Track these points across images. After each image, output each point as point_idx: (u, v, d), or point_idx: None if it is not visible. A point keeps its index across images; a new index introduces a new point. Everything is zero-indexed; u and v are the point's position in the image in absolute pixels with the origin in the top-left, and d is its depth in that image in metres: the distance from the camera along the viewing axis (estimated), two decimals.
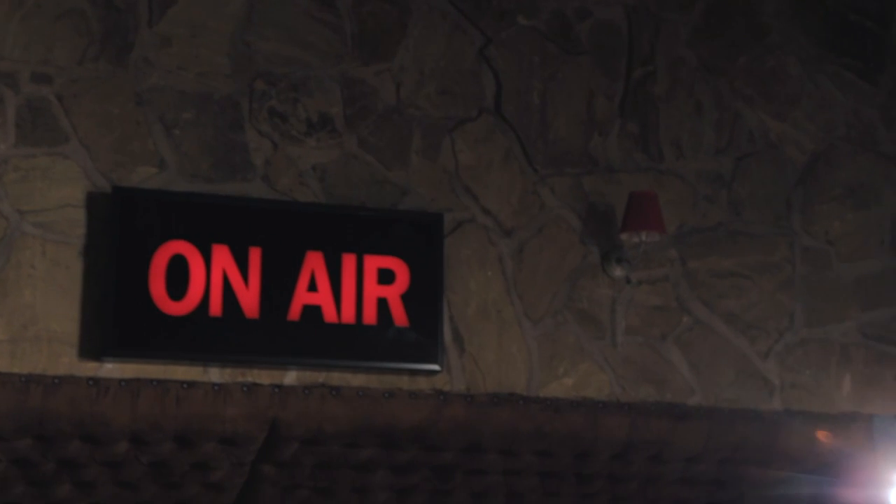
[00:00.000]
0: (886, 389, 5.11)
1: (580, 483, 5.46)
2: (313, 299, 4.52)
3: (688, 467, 5.30)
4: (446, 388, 4.70)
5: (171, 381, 4.34)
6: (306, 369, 4.54)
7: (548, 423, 4.84)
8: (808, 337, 5.11)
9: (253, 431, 4.48)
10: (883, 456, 4.97)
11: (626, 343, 4.94)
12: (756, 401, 5.03)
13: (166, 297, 4.31)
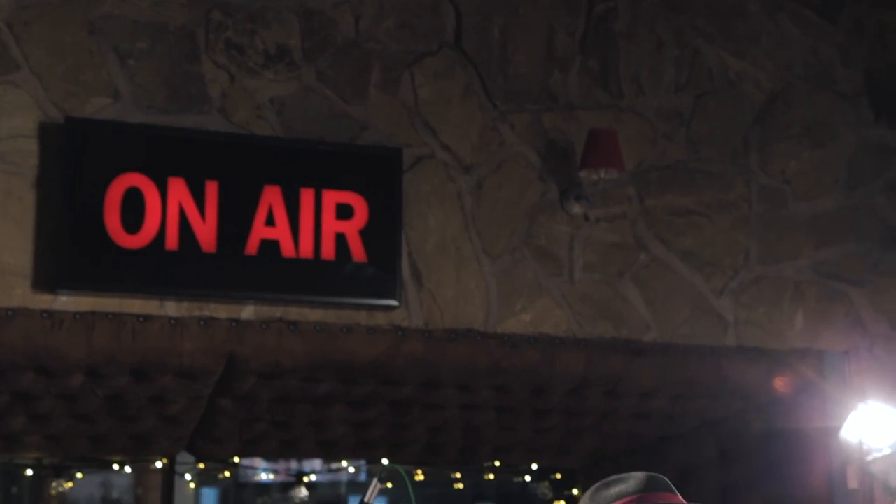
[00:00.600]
0: (837, 326, 5.18)
1: (536, 418, 5.52)
2: (271, 234, 4.49)
3: (642, 402, 5.37)
4: (404, 324, 4.70)
5: (126, 314, 4.30)
6: (264, 304, 4.52)
7: (505, 359, 4.86)
8: (762, 274, 5.16)
9: (210, 365, 4.47)
10: (833, 391, 5.05)
11: (583, 280, 4.96)
12: (710, 337, 5.07)
13: (121, 229, 4.26)
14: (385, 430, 5.50)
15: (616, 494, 2.14)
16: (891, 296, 5.27)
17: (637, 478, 2.16)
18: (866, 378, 5.11)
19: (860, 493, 5.04)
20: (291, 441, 5.56)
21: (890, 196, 5.36)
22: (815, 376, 5.11)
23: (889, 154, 5.40)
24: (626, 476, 2.17)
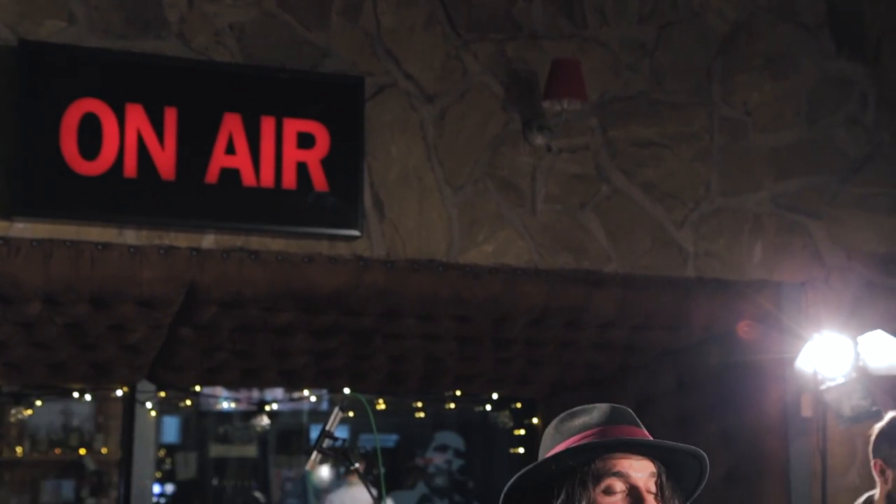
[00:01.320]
0: (795, 258, 5.24)
1: (497, 347, 5.56)
2: (231, 162, 4.45)
3: (602, 333, 5.42)
4: (366, 254, 4.69)
5: (85, 242, 4.26)
6: (224, 233, 4.49)
7: (466, 290, 4.88)
8: (722, 206, 5.19)
9: (170, 294, 4.45)
10: (789, 322, 5.12)
11: (545, 211, 4.97)
12: (670, 268, 5.11)
13: (79, 156, 4.20)
14: (347, 359, 5.52)
15: (580, 426, 2.16)
16: (848, 228, 5.33)
17: (601, 409, 2.19)
18: (822, 309, 5.18)
19: (813, 422, 5.14)
20: (253, 370, 5.58)
21: (849, 129, 5.39)
22: (772, 308, 5.17)
23: (849, 87, 5.42)
24: (591, 407, 2.19)
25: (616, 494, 2.08)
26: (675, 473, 2.15)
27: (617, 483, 2.09)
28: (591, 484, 2.08)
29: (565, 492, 2.09)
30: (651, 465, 2.12)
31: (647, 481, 2.10)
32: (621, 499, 2.08)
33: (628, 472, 2.09)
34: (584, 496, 2.07)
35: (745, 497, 5.58)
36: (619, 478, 2.09)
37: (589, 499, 2.07)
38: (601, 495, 2.08)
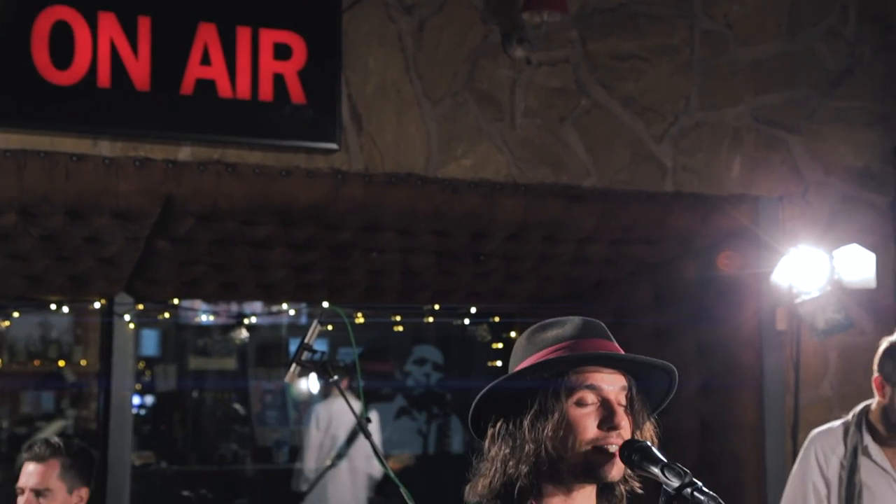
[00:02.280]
0: (773, 172, 5.25)
1: (475, 262, 5.57)
2: (207, 73, 4.38)
3: (580, 247, 5.43)
4: (344, 168, 4.66)
5: (59, 153, 4.21)
6: (201, 145, 4.45)
7: (445, 204, 4.87)
8: (702, 120, 5.17)
9: (146, 207, 4.42)
10: (766, 236, 5.15)
11: (524, 125, 4.94)
12: (649, 183, 5.11)
13: (51, 65, 4.12)
14: (325, 273, 5.52)
15: (553, 338, 2.18)
16: (826, 142, 5.33)
17: (574, 323, 2.21)
18: (798, 223, 5.21)
19: (788, 335, 5.20)
20: (231, 283, 5.57)
21: (830, 42, 5.36)
22: (750, 222, 5.19)
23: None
24: (564, 320, 2.21)
25: (588, 406, 2.11)
26: (645, 386, 2.19)
27: (589, 395, 2.12)
28: (564, 396, 2.11)
29: (538, 403, 2.12)
30: (622, 378, 2.15)
31: (617, 394, 2.13)
32: (593, 411, 2.11)
33: (600, 384, 2.12)
34: (556, 408, 2.10)
35: (720, 408, 5.67)
36: (592, 390, 2.12)
37: (561, 410, 2.10)
38: (573, 407, 2.11)
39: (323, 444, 7.37)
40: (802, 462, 3.65)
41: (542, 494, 2.14)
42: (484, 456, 2.17)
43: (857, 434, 3.57)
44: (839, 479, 3.54)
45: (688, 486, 1.90)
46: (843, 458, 3.55)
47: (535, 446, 2.09)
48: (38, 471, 3.56)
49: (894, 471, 3.53)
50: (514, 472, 2.10)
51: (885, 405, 3.52)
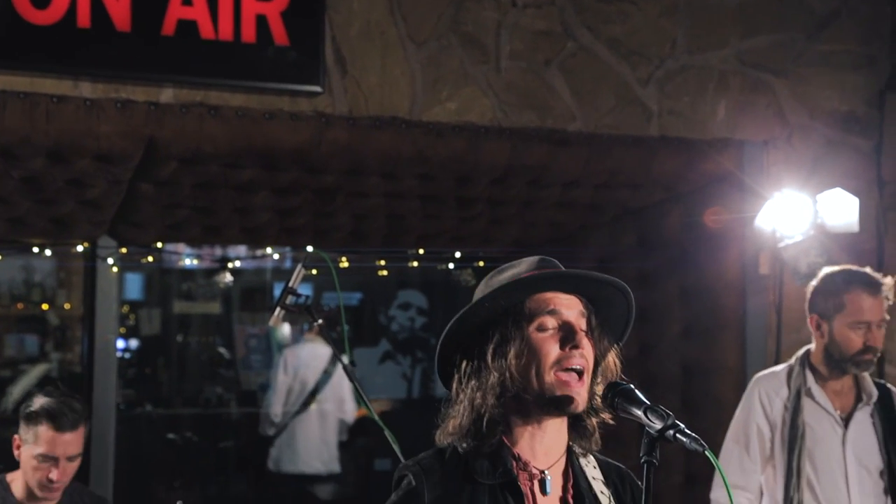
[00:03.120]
0: (758, 116, 5.23)
1: (460, 206, 5.56)
2: (188, 13, 4.33)
3: (565, 192, 5.43)
4: (328, 111, 4.63)
5: (39, 94, 4.16)
6: (183, 87, 4.40)
7: (429, 147, 4.84)
8: (687, 63, 5.14)
9: (128, 149, 4.38)
10: (750, 181, 5.15)
11: (509, 68, 4.90)
12: (634, 127, 5.10)
13: (29, 5, 4.06)
14: (309, 217, 5.50)
15: (509, 277, 2.19)
16: (812, 86, 5.32)
17: (529, 261, 2.22)
18: (783, 168, 5.21)
19: (770, 279, 5.23)
20: (215, 227, 5.55)
21: None
22: (734, 167, 5.19)
23: None
24: (519, 261, 2.23)
25: (549, 331, 2.12)
26: (604, 313, 2.20)
27: (549, 320, 2.13)
28: (525, 322, 2.13)
29: (499, 333, 2.13)
30: (579, 303, 2.16)
31: (577, 318, 2.15)
32: (553, 334, 2.12)
33: (559, 308, 2.13)
34: (517, 335, 2.12)
35: (703, 351, 5.71)
36: (551, 315, 2.13)
37: (522, 336, 2.12)
38: (535, 332, 2.12)
39: (291, 389, 7.39)
40: (746, 404, 3.68)
41: (511, 428, 2.15)
42: (452, 400, 2.19)
43: (800, 376, 3.61)
44: (782, 421, 3.58)
45: (670, 428, 1.92)
46: (787, 400, 3.59)
47: (499, 374, 2.10)
48: (72, 438, 3.56)
49: (836, 412, 3.58)
50: (482, 405, 2.11)
51: (826, 343, 3.56)
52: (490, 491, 2.12)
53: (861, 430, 3.58)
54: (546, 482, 2.16)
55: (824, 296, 3.57)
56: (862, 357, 3.52)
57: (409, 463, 2.19)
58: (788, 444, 3.54)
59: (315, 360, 7.39)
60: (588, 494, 2.17)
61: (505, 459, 2.13)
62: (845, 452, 3.55)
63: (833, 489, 3.51)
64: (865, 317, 3.50)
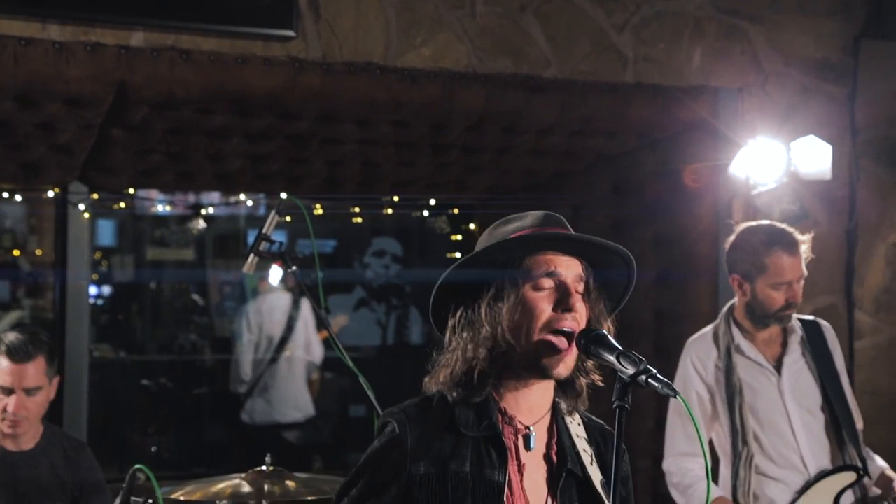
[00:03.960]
0: (733, 63, 5.22)
1: (435, 153, 5.54)
2: None
3: (540, 139, 5.41)
4: (301, 56, 4.58)
5: (6, 36, 4.09)
6: (154, 30, 4.34)
7: (404, 94, 4.80)
8: (663, 10, 5.11)
9: (99, 93, 4.32)
10: (724, 128, 5.15)
11: (484, 13, 4.86)
12: (609, 74, 5.07)
13: None
14: (283, 163, 5.47)
15: (513, 230, 2.19)
16: (787, 32, 5.30)
17: (535, 215, 2.22)
18: (757, 115, 5.21)
19: None
20: (187, 173, 5.51)
21: None
22: (708, 114, 5.19)
23: None
24: (525, 214, 2.22)
25: (544, 291, 2.12)
26: (603, 278, 2.20)
27: (546, 280, 2.13)
28: (521, 280, 2.12)
29: (495, 287, 2.13)
30: (579, 266, 2.16)
31: (574, 281, 2.15)
32: (548, 295, 2.12)
33: (557, 269, 2.13)
34: (512, 291, 2.12)
35: (676, 298, 5.74)
36: (549, 276, 2.13)
37: (517, 294, 2.12)
38: (530, 291, 2.12)
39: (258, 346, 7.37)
40: (681, 373, 3.70)
41: (501, 383, 2.16)
42: (444, 348, 2.19)
43: (727, 334, 3.64)
44: (717, 382, 3.62)
45: (643, 374, 1.93)
46: (718, 360, 3.62)
47: (491, 329, 2.10)
48: (28, 370, 3.56)
49: (767, 362, 3.62)
50: (473, 357, 2.12)
51: (748, 301, 3.59)
52: (474, 443, 2.13)
53: (794, 372, 3.62)
54: (530, 438, 2.17)
55: (744, 257, 3.59)
56: (784, 313, 3.58)
57: (394, 410, 2.19)
58: (728, 403, 3.58)
59: (276, 311, 7.38)
60: (571, 452, 2.19)
61: (491, 413, 2.14)
62: (784, 399, 3.59)
63: (779, 438, 3.55)
64: (787, 277, 3.54)
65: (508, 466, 2.14)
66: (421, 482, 2.10)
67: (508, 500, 2.13)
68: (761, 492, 3.53)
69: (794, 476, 3.53)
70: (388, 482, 2.11)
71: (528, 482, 2.16)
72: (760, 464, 3.54)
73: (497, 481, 2.11)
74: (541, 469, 2.18)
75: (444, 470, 2.10)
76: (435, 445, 2.12)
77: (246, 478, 3.58)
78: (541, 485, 2.17)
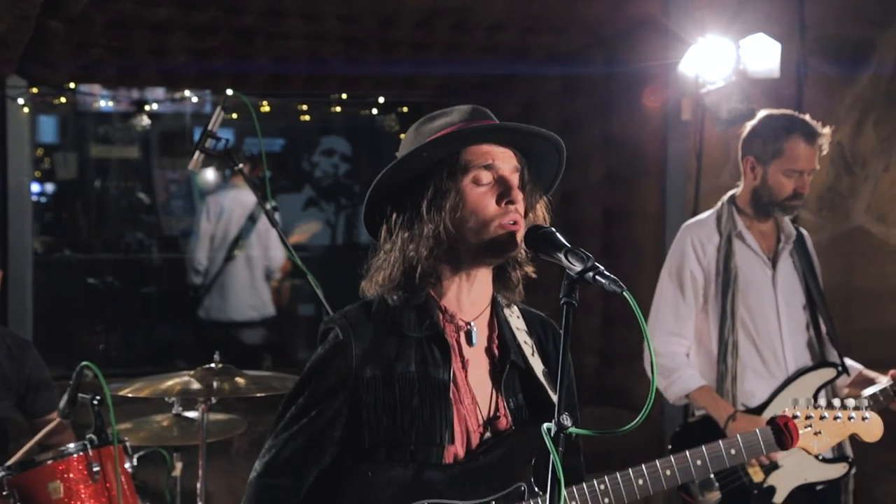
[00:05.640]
0: None
1: (383, 50, 5.46)
2: None
3: (490, 36, 5.35)
4: None
5: None
6: None
7: None
8: None
9: None
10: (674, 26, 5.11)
11: None
12: None
13: None
14: (228, 59, 5.36)
15: (441, 126, 2.16)
16: None
17: (461, 109, 2.18)
18: (707, 13, 5.17)
19: (692, 124, 5.26)
20: (130, 68, 5.38)
21: None
22: (658, 12, 5.15)
23: None
24: (450, 109, 2.19)
25: (484, 185, 2.11)
26: (536, 166, 2.19)
27: (484, 174, 2.12)
28: (460, 174, 2.11)
29: (433, 185, 2.11)
30: (514, 158, 2.15)
31: (511, 173, 2.14)
32: (489, 189, 2.11)
33: (495, 162, 2.12)
34: (452, 187, 2.10)
35: (624, 197, 5.78)
36: (487, 169, 2.12)
37: (458, 189, 2.10)
38: (470, 186, 2.11)
39: (215, 236, 7.33)
40: (678, 253, 3.71)
41: (441, 280, 2.16)
42: (379, 251, 2.17)
43: (730, 220, 3.66)
44: (715, 267, 3.65)
45: (589, 270, 1.93)
46: (719, 245, 3.65)
47: (433, 227, 2.09)
48: None
49: (763, 253, 3.66)
50: (415, 256, 2.11)
51: (757, 185, 3.60)
52: (417, 343, 2.14)
53: (786, 268, 3.67)
54: (472, 333, 2.18)
55: (763, 139, 3.58)
56: (790, 202, 3.58)
57: (336, 316, 2.18)
58: (722, 288, 3.61)
59: (238, 206, 7.31)
60: (512, 344, 2.21)
61: (432, 312, 2.14)
62: (776, 292, 3.64)
63: (766, 328, 3.61)
64: (800, 165, 3.54)
65: (452, 363, 2.15)
66: (368, 386, 2.11)
67: (454, 396, 2.15)
68: (743, 385, 3.59)
69: (775, 369, 3.60)
70: (335, 388, 2.12)
71: (472, 377, 2.18)
72: (745, 354, 3.60)
73: (442, 379, 2.12)
74: (484, 363, 2.20)
75: (390, 372, 2.11)
76: (379, 349, 2.13)
77: (195, 375, 3.58)
78: (485, 379, 2.19)
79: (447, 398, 2.12)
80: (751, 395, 3.59)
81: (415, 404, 2.10)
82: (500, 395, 2.19)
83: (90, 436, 3.28)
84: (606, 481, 2.21)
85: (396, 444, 2.10)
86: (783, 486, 3.51)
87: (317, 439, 2.12)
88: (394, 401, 2.10)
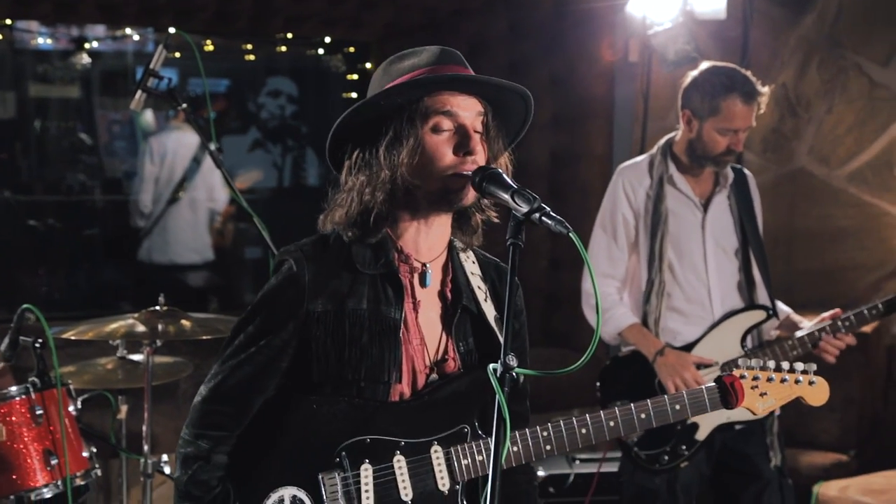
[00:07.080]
0: None
1: None
2: None
3: None
4: None
5: None
6: None
7: None
8: None
9: None
10: None
11: None
12: None
13: None
14: None
15: (409, 67, 2.14)
16: None
17: (431, 51, 2.16)
18: None
19: (639, 66, 5.26)
20: (69, 4, 5.25)
21: None
22: None
23: None
24: (420, 49, 2.16)
25: (443, 133, 2.10)
26: (501, 114, 2.18)
27: (445, 121, 2.10)
28: (420, 121, 2.09)
29: (393, 130, 2.10)
30: (478, 104, 2.13)
31: (473, 120, 2.12)
32: (448, 137, 2.10)
33: (456, 110, 2.10)
34: (411, 133, 2.09)
35: (571, 139, 5.79)
36: (447, 116, 2.10)
37: (416, 136, 2.09)
38: (429, 133, 2.10)
39: (159, 179, 7.23)
40: (611, 196, 3.76)
41: (398, 222, 2.16)
42: (340, 187, 2.16)
43: (662, 165, 3.69)
44: (645, 209, 3.69)
45: (536, 212, 1.93)
46: (650, 188, 3.68)
47: (390, 173, 2.08)
48: None
49: (696, 197, 3.70)
50: (371, 200, 2.10)
51: (692, 138, 3.63)
52: (370, 280, 2.14)
53: (719, 212, 3.71)
54: (427, 275, 2.18)
55: (701, 95, 3.59)
56: (723, 158, 3.62)
57: (291, 248, 2.17)
58: (651, 230, 3.65)
59: (183, 147, 7.21)
60: (466, 289, 2.21)
61: (388, 251, 2.14)
62: (704, 235, 3.68)
63: (692, 272, 3.66)
64: (736, 124, 3.56)
65: (404, 303, 2.15)
66: (318, 319, 2.11)
67: (404, 337, 2.15)
68: (666, 324, 3.64)
69: (701, 312, 3.65)
70: (285, 319, 2.11)
71: (423, 318, 2.19)
72: (672, 294, 3.65)
73: (393, 318, 2.13)
74: (436, 306, 2.21)
75: (341, 307, 2.11)
76: (332, 283, 2.12)
77: (139, 318, 3.55)
78: (436, 321, 2.20)
79: (397, 337, 2.13)
80: (673, 335, 3.65)
81: (364, 341, 2.11)
82: (449, 339, 2.20)
83: (32, 378, 3.24)
84: (549, 428, 2.23)
85: (343, 379, 2.11)
86: (706, 423, 3.58)
87: (264, 369, 2.13)
88: (343, 336, 2.11)
